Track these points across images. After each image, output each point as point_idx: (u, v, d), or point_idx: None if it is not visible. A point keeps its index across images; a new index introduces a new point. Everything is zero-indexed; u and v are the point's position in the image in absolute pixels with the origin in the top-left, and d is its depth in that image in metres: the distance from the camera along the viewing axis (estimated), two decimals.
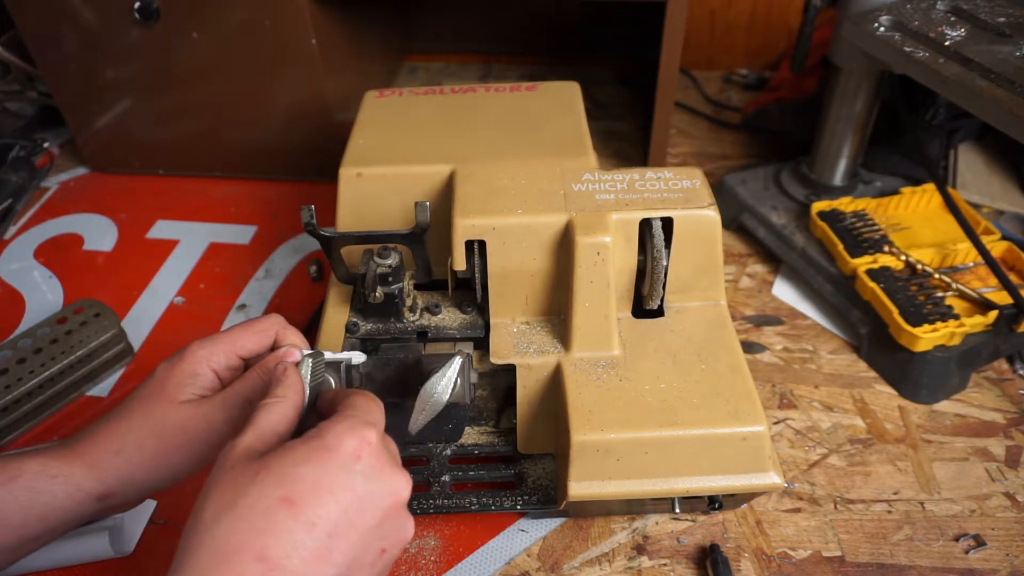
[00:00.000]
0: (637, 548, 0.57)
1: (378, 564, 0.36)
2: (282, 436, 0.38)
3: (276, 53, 0.84)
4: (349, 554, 0.34)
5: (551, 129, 0.66)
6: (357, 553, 0.34)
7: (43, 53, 0.88)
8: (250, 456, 0.35)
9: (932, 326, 0.65)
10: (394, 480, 0.37)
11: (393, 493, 0.36)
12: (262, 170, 0.97)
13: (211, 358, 0.45)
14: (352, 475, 0.35)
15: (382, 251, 0.55)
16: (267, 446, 0.37)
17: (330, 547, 0.33)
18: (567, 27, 1.18)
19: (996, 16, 0.66)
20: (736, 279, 0.81)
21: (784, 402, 0.68)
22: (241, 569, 0.31)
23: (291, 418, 0.39)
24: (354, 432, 0.36)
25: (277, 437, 0.38)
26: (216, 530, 0.32)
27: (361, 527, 0.35)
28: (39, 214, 0.94)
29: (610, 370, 0.52)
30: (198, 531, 0.33)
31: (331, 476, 0.34)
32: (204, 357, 0.45)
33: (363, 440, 0.36)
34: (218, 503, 0.33)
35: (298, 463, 0.34)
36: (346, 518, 0.34)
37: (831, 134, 0.79)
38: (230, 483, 0.34)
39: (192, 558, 0.32)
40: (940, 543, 0.57)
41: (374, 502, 0.35)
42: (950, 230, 0.75)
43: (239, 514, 0.33)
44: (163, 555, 0.57)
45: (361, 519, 0.35)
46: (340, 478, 0.34)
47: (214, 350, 0.45)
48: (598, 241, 0.52)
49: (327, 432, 0.36)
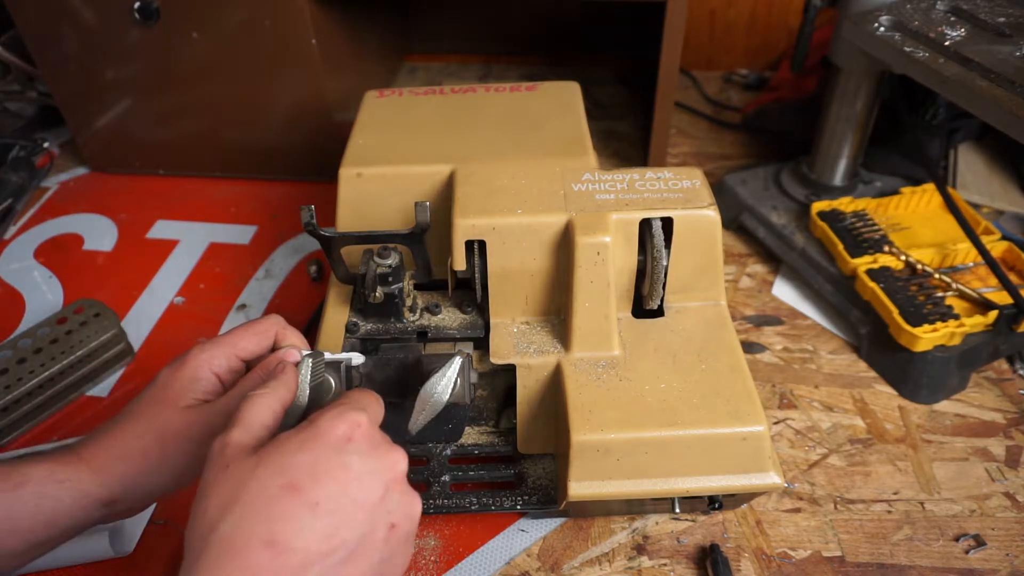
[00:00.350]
0: (637, 548, 0.57)
1: (392, 540, 0.36)
2: (270, 428, 0.39)
3: (276, 53, 0.84)
4: (357, 530, 0.34)
5: (551, 129, 0.66)
6: (366, 529, 0.35)
7: (43, 53, 0.88)
8: (243, 451, 0.36)
9: (932, 326, 0.65)
10: (389, 455, 0.37)
11: (391, 468, 0.37)
12: (262, 170, 0.97)
13: (212, 361, 0.45)
14: (347, 455, 0.36)
15: (382, 251, 0.55)
16: (256, 439, 0.37)
17: (336, 525, 0.34)
18: (567, 27, 1.18)
19: (996, 16, 0.66)
20: (736, 279, 0.81)
21: (784, 402, 0.68)
22: (251, 558, 0.32)
23: (276, 410, 0.40)
24: (343, 417, 0.37)
25: (265, 429, 0.38)
26: (221, 527, 0.32)
27: (365, 503, 0.35)
28: (39, 214, 0.94)
29: (610, 370, 0.52)
30: (202, 533, 0.33)
31: (326, 458, 0.35)
32: (206, 361, 0.45)
33: (353, 423, 0.37)
34: (219, 502, 0.33)
35: (293, 451, 0.35)
36: (348, 496, 0.35)
37: (831, 134, 0.79)
38: (228, 481, 0.34)
39: (201, 559, 0.32)
40: (940, 543, 0.57)
41: (373, 477, 0.36)
42: (950, 230, 0.75)
43: (242, 508, 0.33)
44: (163, 555, 0.57)
45: (363, 495, 0.35)
46: (335, 459, 0.35)
47: (215, 353, 0.46)
48: (598, 241, 0.52)
49: (318, 420, 0.37)
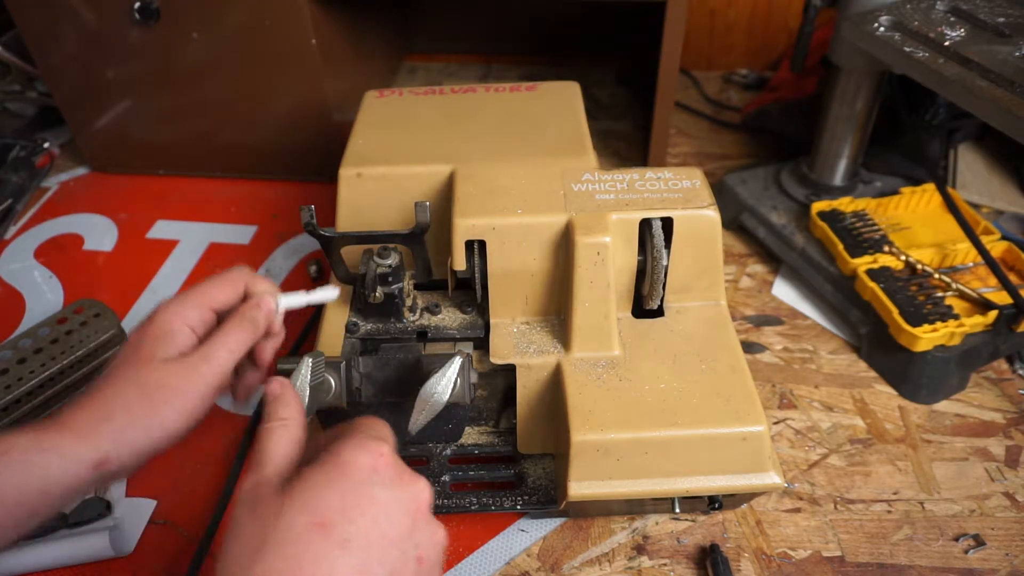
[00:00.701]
0: (637, 548, 0.57)
1: (421, 572, 0.36)
2: (293, 460, 0.38)
3: (276, 53, 0.84)
4: (389, 565, 0.34)
5: (551, 129, 0.66)
6: (396, 564, 0.35)
7: (43, 53, 0.88)
8: (270, 489, 0.35)
9: (932, 326, 0.65)
10: (414, 485, 0.37)
11: (415, 497, 0.37)
12: (262, 170, 0.97)
13: (183, 313, 0.44)
14: (373, 487, 0.35)
15: (382, 251, 0.55)
16: (281, 474, 0.37)
17: (368, 561, 0.33)
18: (567, 27, 1.18)
19: (996, 16, 0.66)
20: (736, 279, 0.81)
21: (784, 402, 0.68)
22: None
23: (298, 438, 0.39)
24: (365, 447, 0.36)
25: (289, 461, 0.38)
26: (255, 569, 0.32)
27: (393, 536, 0.35)
28: (39, 214, 0.94)
29: (610, 370, 0.52)
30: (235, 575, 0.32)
31: (354, 492, 0.35)
32: (176, 314, 0.44)
33: (376, 453, 0.36)
34: (249, 545, 0.33)
35: (319, 486, 0.34)
36: (377, 530, 0.34)
37: (831, 134, 0.79)
38: (256, 523, 0.34)
39: None
40: (940, 543, 0.57)
41: (399, 508, 0.35)
42: (950, 230, 0.75)
43: (272, 549, 0.32)
44: (163, 555, 0.57)
45: (391, 528, 0.35)
46: (363, 492, 0.35)
47: (185, 305, 0.45)
48: (598, 241, 0.52)
49: (340, 451, 0.36)
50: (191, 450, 0.65)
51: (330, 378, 0.48)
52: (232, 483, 0.61)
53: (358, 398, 0.51)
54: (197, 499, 0.61)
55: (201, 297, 0.45)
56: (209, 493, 0.62)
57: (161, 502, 0.61)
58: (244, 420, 0.67)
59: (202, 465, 0.64)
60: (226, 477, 0.62)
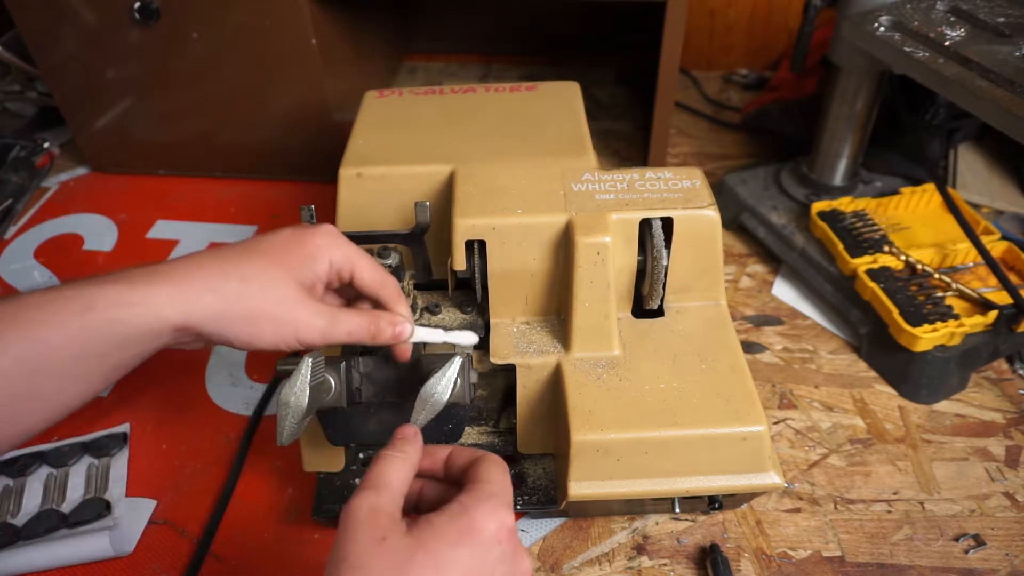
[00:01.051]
0: (637, 548, 0.57)
1: None
2: (404, 494, 0.40)
3: (276, 53, 0.84)
4: None
5: (551, 129, 0.66)
6: None
7: (43, 53, 0.88)
8: (396, 524, 0.37)
9: (932, 326, 0.65)
10: (523, 563, 0.39)
11: (524, 574, 0.39)
12: (262, 170, 0.97)
13: (332, 251, 0.44)
14: (495, 559, 0.37)
15: (382, 251, 0.55)
16: (396, 503, 0.38)
17: None
18: (567, 27, 1.19)
19: (996, 16, 0.66)
20: (736, 279, 0.81)
21: (784, 402, 0.68)
22: None
23: (411, 477, 0.41)
24: (495, 515, 0.38)
25: (401, 493, 0.39)
26: None
27: None
28: (39, 214, 0.94)
29: (610, 370, 0.52)
30: None
31: (479, 560, 0.36)
32: (327, 247, 0.44)
33: (503, 524, 0.38)
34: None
35: (452, 545, 0.36)
36: None
37: (831, 134, 0.79)
38: (387, 557, 0.35)
39: None
40: (940, 543, 0.57)
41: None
42: (950, 230, 0.75)
43: None
44: (163, 555, 0.57)
45: None
46: (487, 562, 0.37)
47: (338, 245, 0.45)
48: (598, 241, 0.52)
49: (473, 512, 0.37)
50: (191, 450, 0.65)
51: (330, 378, 0.48)
52: (232, 483, 0.61)
53: (358, 398, 0.51)
54: (197, 499, 0.61)
55: (352, 254, 0.45)
56: (209, 493, 0.62)
57: (161, 502, 0.61)
58: (244, 420, 0.67)
59: (202, 465, 0.64)
60: (226, 477, 0.62)
